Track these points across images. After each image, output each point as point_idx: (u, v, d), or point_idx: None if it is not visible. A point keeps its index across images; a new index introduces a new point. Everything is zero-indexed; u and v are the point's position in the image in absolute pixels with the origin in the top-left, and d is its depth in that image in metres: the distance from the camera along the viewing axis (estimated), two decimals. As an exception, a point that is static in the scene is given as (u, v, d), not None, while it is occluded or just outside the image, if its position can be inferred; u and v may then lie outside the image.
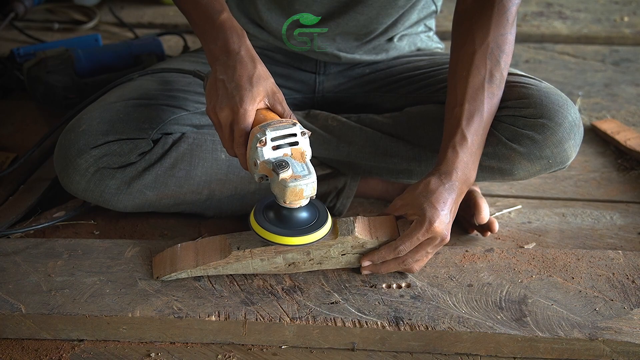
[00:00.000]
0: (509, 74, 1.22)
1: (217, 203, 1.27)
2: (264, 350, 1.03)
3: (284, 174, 0.99)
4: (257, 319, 1.02)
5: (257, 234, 1.04)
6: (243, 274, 1.09)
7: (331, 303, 1.05)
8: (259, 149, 1.01)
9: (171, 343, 1.04)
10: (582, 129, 1.19)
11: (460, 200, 1.10)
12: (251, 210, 1.07)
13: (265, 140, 1.01)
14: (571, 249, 1.19)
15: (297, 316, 1.02)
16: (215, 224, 1.30)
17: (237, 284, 1.08)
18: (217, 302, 1.05)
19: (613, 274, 1.11)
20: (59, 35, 2.13)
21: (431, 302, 1.05)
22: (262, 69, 1.08)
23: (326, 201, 1.31)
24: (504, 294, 1.07)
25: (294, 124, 1.02)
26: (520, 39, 2.19)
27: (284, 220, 1.04)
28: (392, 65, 1.36)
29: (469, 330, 1.00)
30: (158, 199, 1.23)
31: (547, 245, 1.27)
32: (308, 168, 1.01)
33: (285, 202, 1.01)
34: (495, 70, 1.12)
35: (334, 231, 1.08)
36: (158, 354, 1.02)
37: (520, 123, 1.16)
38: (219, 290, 1.07)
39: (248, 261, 1.07)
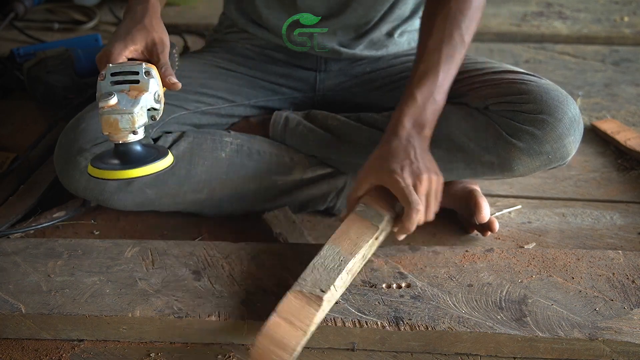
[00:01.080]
0: (509, 71, 1.23)
1: (217, 202, 1.27)
2: (264, 350, 1.03)
3: (102, 103, 1.00)
4: (257, 319, 1.02)
5: (90, 175, 1.04)
6: (242, 274, 1.09)
7: (331, 303, 1.05)
8: (98, 82, 1.03)
9: (171, 343, 1.04)
10: (582, 125, 1.19)
11: (426, 145, 1.11)
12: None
13: (105, 74, 1.03)
14: (571, 249, 1.19)
15: (297, 316, 1.02)
16: (216, 224, 1.30)
17: (237, 284, 1.08)
18: (217, 302, 1.05)
19: (613, 274, 1.11)
20: (59, 35, 2.13)
21: (431, 302, 1.05)
22: (148, 22, 1.10)
23: (326, 201, 1.31)
24: (504, 294, 1.07)
25: (141, 64, 1.04)
26: (520, 39, 2.19)
27: (114, 157, 1.03)
28: (393, 64, 1.36)
29: (469, 330, 1.00)
30: (158, 198, 1.23)
31: (547, 245, 1.27)
32: (135, 103, 1.01)
33: (107, 135, 1.02)
34: (455, 33, 1.12)
35: (366, 224, 1.08)
36: (158, 354, 1.02)
37: (520, 118, 1.16)
38: (219, 291, 1.07)
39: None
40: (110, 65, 1.03)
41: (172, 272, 1.10)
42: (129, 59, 1.08)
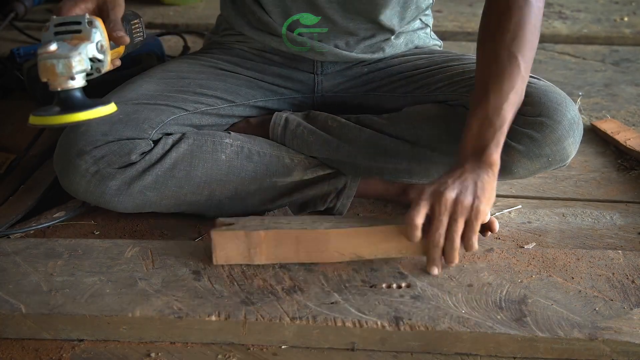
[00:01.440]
0: None
1: (217, 204, 1.27)
2: (264, 350, 1.03)
3: (41, 50, 1.00)
4: (257, 319, 1.02)
5: (32, 124, 1.02)
6: (243, 274, 1.09)
7: (331, 303, 1.05)
8: (42, 33, 1.04)
9: (171, 343, 1.04)
10: (581, 127, 1.19)
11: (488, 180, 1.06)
12: None
13: (49, 25, 1.04)
14: (571, 249, 1.19)
15: (297, 316, 1.02)
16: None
17: (237, 283, 1.08)
18: (217, 302, 1.05)
19: (613, 274, 1.11)
20: (59, 35, 2.13)
21: (431, 302, 1.05)
22: None
23: (326, 201, 1.31)
24: (504, 294, 1.07)
25: (84, 15, 1.04)
26: (520, 39, 2.19)
27: (55, 105, 1.02)
28: (391, 65, 1.36)
29: (469, 330, 1.00)
30: (159, 200, 1.23)
31: (547, 245, 1.27)
32: (73, 49, 1.01)
33: (45, 82, 1.01)
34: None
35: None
36: (158, 353, 1.02)
37: (520, 121, 1.16)
38: (219, 290, 1.07)
39: None
40: (54, 17, 1.05)
41: (172, 272, 1.11)
42: None
